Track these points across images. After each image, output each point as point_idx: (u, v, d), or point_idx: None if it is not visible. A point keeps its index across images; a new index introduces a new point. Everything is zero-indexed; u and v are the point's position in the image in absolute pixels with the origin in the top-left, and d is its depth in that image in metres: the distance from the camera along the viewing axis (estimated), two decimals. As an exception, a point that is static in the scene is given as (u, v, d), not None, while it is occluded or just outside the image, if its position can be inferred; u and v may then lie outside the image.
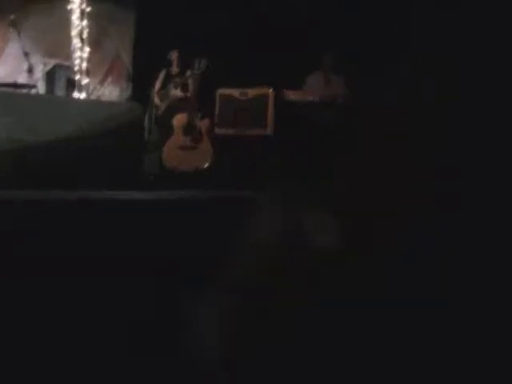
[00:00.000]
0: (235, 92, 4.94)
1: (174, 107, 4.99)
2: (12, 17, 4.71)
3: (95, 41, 5.41)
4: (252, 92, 4.93)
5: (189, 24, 5.68)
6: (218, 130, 4.88)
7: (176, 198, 2.57)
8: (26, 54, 4.67)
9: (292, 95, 4.89)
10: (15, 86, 5.04)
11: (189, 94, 4.93)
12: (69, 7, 4.62)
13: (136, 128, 4.00)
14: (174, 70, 5.24)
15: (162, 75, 5.27)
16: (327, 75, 5.22)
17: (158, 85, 5.22)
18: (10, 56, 5.52)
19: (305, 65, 5.22)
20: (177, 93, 5.11)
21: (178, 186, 4.39)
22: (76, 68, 4.48)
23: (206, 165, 4.56)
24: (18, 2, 5.44)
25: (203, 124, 4.74)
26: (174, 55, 5.23)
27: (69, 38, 4.66)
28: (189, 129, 4.68)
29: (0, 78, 5.44)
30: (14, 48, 5.27)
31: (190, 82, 4.91)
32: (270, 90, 4.89)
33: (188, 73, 4.97)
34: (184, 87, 5.06)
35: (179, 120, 4.73)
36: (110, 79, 6.12)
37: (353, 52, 5.13)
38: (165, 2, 5.60)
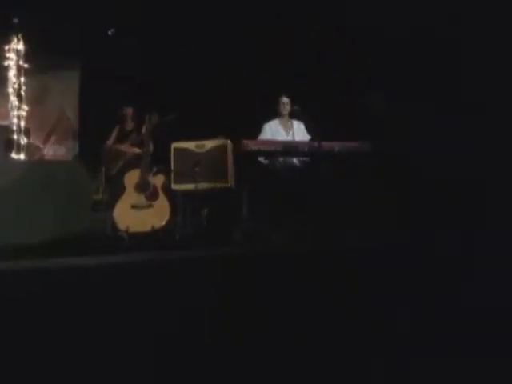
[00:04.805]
0: (191, 145, 4.72)
1: (129, 165, 4.70)
2: None
3: (36, 98, 5.05)
4: (209, 144, 4.72)
5: (139, 78, 5.51)
6: (174, 186, 4.63)
7: (131, 262, 2.49)
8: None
9: (251, 145, 4.58)
10: None
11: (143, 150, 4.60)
12: (6, 63, 4.27)
13: (82, 188, 3.66)
14: (129, 125, 5.01)
15: (115, 132, 5.00)
16: (286, 122, 4.98)
17: (111, 142, 4.94)
18: None
19: (262, 112, 5.00)
20: (133, 149, 4.82)
21: (133, 247, 3.99)
22: (14, 128, 4.07)
23: (163, 223, 4.20)
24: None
25: (158, 180, 4.42)
26: (128, 111, 5.01)
27: (6, 97, 4.27)
28: (142, 186, 4.34)
29: None
30: None
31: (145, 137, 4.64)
32: (228, 141, 4.68)
33: (144, 129, 4.71)
34: (140, 143, 4.78)
35: (131, 177, 4.41)
36: (54, 138, 5.75)
37: (312, 97, 4.95)
38: (110, 54, 5.38)
